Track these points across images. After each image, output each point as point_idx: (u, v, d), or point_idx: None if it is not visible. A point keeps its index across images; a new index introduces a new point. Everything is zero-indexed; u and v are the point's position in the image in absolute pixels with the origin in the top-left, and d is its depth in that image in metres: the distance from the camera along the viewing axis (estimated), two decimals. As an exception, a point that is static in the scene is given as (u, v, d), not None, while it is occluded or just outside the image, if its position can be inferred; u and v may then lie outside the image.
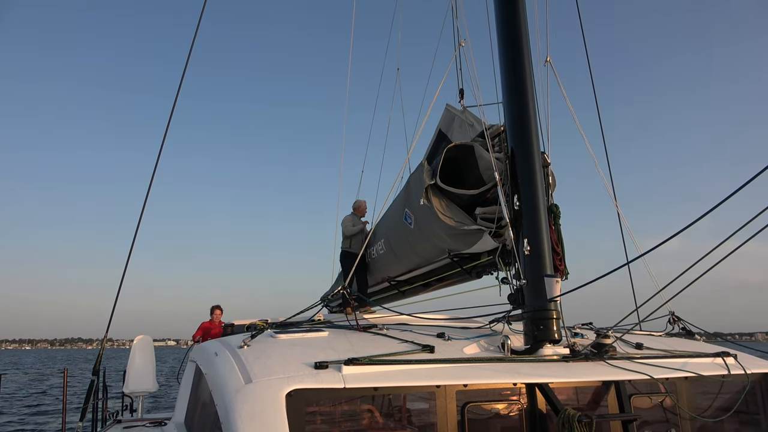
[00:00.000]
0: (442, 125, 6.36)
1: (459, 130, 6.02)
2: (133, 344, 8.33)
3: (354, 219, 8.72)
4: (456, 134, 6.07)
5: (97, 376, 6.36)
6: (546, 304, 4.11)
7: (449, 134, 6.21)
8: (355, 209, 8.83)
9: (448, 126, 6.25)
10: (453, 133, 6.14)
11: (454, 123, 6.14)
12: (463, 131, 5.87)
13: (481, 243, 4.91)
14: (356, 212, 8.81)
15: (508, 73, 4.73)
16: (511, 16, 4.81)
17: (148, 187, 6.43)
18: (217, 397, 3.48)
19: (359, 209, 8.83)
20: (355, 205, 8.87)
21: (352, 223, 8.63)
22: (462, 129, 5.93)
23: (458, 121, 6.05)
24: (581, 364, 3.90)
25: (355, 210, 8.83)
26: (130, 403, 8.77)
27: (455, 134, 6.09)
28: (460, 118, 5.98)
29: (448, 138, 6.18)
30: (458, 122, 6.05)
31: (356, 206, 8.85)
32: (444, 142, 6.26)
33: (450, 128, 6.22)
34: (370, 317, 5.53)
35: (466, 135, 5.72)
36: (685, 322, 5.38)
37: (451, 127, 6.20)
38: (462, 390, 3.51)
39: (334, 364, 3.38)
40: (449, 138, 6.16)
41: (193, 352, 5.26)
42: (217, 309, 11.95)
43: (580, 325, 5.13)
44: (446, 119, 6.30)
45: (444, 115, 6.34)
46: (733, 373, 4.16)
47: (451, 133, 6.17)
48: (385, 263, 6.92)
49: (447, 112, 6.29)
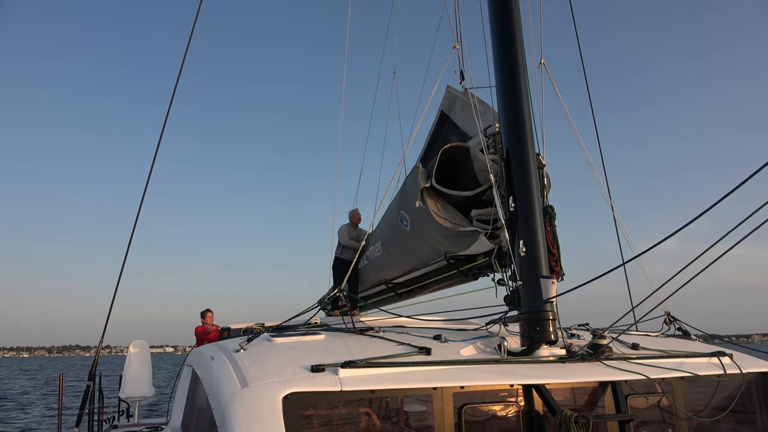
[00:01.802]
0: (444, 106, 6.40)
1: (462, 111, 6.06)
2: (130, 349, 8.31)
3: (349, 229, 8.88)
4: (459, 115, 6.12)
5: (93, 381, 6.34)
6: (542, 306, 4.11)
7: (452, 115, 6.26)
8: (351, 218, 9.03)
9: (450, 107, 6.30)
10: (456, 114, 6.19)
11: (456, 104, 6.18)
12: (466, 112, 5.89)
13: (477, 245, 4.92)
14: (351, 221, 9.00)
15: (502, 75, 4.74)
16: (505, 19, 4.82)
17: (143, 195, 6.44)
18: (214, 402, 3.46)
19: (354, 218, 9.03)
20: (350, 214, 9.07)
21: (348, 235, 8.76)
22: (465, 110, 5.96)
23: (460, 102, 6.08)
24: (578, 364, 3.91)
25: (350, 218, 9.02)
26: (127, 408, 8.74)
27: (458, 115, 6.14)
28: (462, 99, 6.01)
29: (451, 119, 6.23)
30: (460, 103, 6.09)
31: (351, 215, 9.06)
32: (447, 122, 6.34)
33: (452, 109, 6.26)
34: (366, 320, 5.52)
35: (469, 115, 5.75)
36: (681, 323, 5.39)
37: (453, 108, 6.25)
38: (459, 392, 3.51)
39: (330, 367, 3.37)
40: (452, 119, 6.22)
41: (190, 356, 5.25)
42: (208, 312, 11.94)
43: (576, 326, 5.13)
44: (448, 101, 6.34)
45: (445, 97, 6.38)
46: (729, 373, 4.17)
47: (454, 114, 6.22)
48: (381, 266, 6.92)
49: (448, 93, 6.32)
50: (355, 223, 9.00)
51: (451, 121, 6.27)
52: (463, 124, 6.07)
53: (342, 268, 8.26)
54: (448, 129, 6.36)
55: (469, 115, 5.72)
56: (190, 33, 6.75)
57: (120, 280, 6.27)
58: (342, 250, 8.69)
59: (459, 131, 6.12)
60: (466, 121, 5.97)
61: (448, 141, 6.19)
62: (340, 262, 8.60)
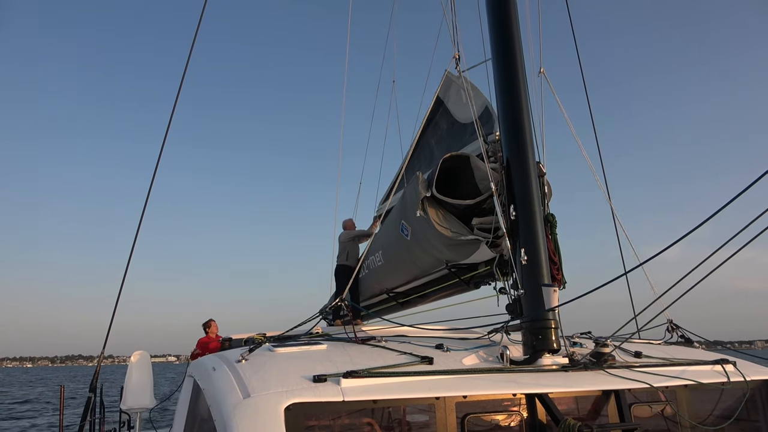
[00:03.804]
0: (441, 92, 6.42)
1: (455, 97, 6.07)
2: (131, 360, 8.27)
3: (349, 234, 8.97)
4: (452, 101, 6.14)
5: (94, 392, 6.32)
6: (544, 314, 4.10)
7: (446, 101, 6.27)
8: (346, 227, 9.15)
9: (445, 93, 6.32)
10: (449, 101, 6.20)
11: (451, 90, 6.19)
12: (458, 99, 5.90)
13: (479, 253, 4.91)
14: (346, 230, 9.11)
15: (502, 84, 4.75)
16: (505, 29, 4.85)
17: (145, 202, 6.45)
18: (215, 412, 3.45)
19: (348, 226, 9.15)
20: (344, 224, 9.21)
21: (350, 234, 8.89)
22: (458, 96, 5.96)
23: (455, 88, 6.09)
24: (580, 373, 3.89)
25: (345, 228, 9.14)
26: (128, 420, 8.69)
27: (451, 101, 6.16)
28: (457, 85, 6.01)
29: (444, 104, 6.23)
30: (455, 89, 6.09)
31: (345, 224, 9.20)
32: (441, 107, 6.35)
33: (446, 95, 6.28)
34: (368, 329, 5.50)
35: (460, 102, 5.76)
36: (683, 330, 5.37)
37: (447, 94, 6.26)
38: (461, 401, 3.49)
39: (332, 377, 3.36)
40: (445, 104, 6.23)
41: (191, 366, 5.23)
42: (212, 322, 11.91)
43: (578, 334, 5.11)
44: (445, 86, 6.36)
45: (443, 83, 6.39)
46: (732, 381, 4.15)
47: (448, 100, 6.23)
48: (382, 275, 6.91)
49: (447, 79, 6.33)
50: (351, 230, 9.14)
51: (445, 108, 6.31)
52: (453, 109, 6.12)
53: (345, 276, 8.30)
54: (441, 114, 6.42)
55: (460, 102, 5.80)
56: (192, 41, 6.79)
57: (121, 291, 6.28)
58: (347, 257, 8.75)
59: (449, 117, 6.18)
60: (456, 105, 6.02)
61: (439, 126, 6.24)
62: (343, 270, 8.64)
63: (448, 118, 6.22)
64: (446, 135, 6.26)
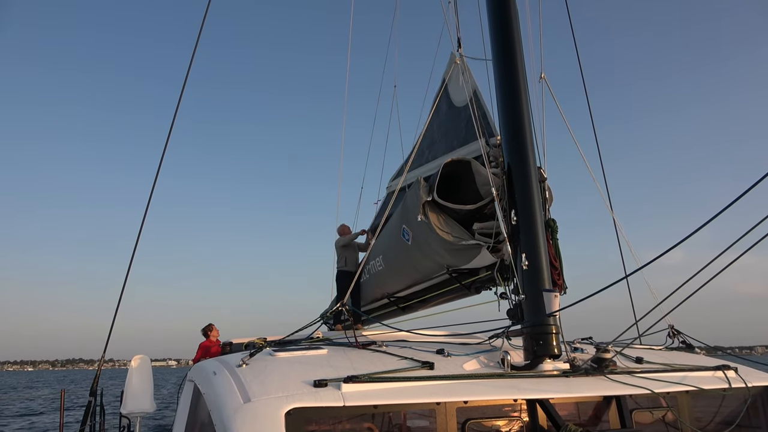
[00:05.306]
0: (446, 75, 6.51)
1: (454, 80, 6.16)
2: (131, 364, 8.26)
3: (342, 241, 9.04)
4: (452, 84, 6.23)
5: (94, 397, 6.31)
6: (545, 319, 4.10)
7: (448, 84, 6.35)
8: (340, 234, 9.21)
9: (448, 74, 6.41)
10: (450, 83, 6.29)
11: (452, 72, 6.27)
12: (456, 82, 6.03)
13: (480, 258, 4.91)
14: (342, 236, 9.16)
15: (503, 89, 4.77)
16: (506, 34, 4.86)
17: (146, 208, 6.47)
18: (216, 417, 3.45)
19: (342, 232, 9.21)
20: (339, 230, 9.28)
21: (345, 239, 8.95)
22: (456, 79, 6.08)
23: (455, 70, 6.17)
24: (582, 379, 3.89)
25: (340, 234, 9.20)
26: (128, 424, 8.69)
27: (452, 84, 6.25)
28: (458, 67, 6.10)
29: (447, 86, 6.35)
30: (455, 71, 6.18)
31: (339, 231, 9.26)
32: (444, 89, 6.45)
33: (449, 77, 6.38)
34: (369, 334, 5.50)
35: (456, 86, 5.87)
36: (684, 336, 5.36)
37: (449, 76, 6.36)
38: (462, 407, 3.49)
39: (333, 382, 3.36)
40: (447, 86, 6.34)
41: (191, 371, 5.23)
42: (212, 327, 11.92)
43: (579, 340, 5.11)
44: (449, 69, 6.44)
45: (448, 65, 6.47)
46: (734, 387, 4.14)
47: (450, 81, 6.32)
48: (383, 279, 6.92)
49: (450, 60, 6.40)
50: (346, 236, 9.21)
51: (446, 91, 6.40)
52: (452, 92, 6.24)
53: (345, 281, 8.32)
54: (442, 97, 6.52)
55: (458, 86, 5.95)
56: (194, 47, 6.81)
57: (122, 295, 6.27)
58: (346, 262, 8.81)
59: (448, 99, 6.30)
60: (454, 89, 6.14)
61: (441, 109, 6.30)
62: (343, 275, 8.69)
63: (447, 100, 6.31)
64: (445, 119, 6.39)
